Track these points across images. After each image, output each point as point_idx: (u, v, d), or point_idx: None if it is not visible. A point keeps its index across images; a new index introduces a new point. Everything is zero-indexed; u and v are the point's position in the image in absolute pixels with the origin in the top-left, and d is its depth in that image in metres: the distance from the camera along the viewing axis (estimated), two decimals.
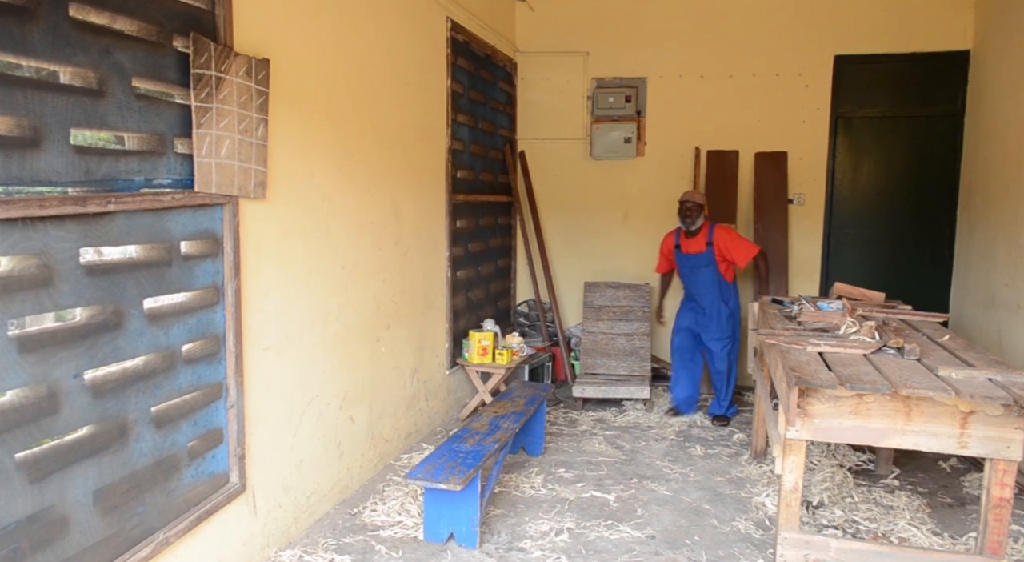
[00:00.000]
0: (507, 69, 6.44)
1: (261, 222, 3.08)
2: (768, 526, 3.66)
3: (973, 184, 5.72)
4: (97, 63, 2.22)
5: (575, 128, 6.63)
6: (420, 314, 4.82)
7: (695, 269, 5.30)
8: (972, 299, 5.61)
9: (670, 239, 5.50)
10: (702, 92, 6.35)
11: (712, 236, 5.22)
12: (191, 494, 2.73)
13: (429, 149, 4.89)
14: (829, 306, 3.96)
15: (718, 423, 5.31)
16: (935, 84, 6.04)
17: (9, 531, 1.99)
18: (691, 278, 5.36)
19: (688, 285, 5.44)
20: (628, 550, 3.41)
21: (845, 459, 4.52)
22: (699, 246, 5.24)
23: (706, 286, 5.28)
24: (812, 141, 6.21)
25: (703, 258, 5.24)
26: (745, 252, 5.21)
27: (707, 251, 5.22)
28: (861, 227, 6.34)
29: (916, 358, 3.15)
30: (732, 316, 5.31)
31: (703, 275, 5.27)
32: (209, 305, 2.79)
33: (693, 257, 5.28)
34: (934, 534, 3.57)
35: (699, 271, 5.28)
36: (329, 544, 3.40)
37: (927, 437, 2.79)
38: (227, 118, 2.75)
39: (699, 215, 5.20)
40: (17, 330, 1.99)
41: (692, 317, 5.41)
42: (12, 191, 1.95)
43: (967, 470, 4.41)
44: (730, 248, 5.19)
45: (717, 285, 5.27)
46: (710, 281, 5.26)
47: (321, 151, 3.57)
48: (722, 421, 5.32)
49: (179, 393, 2.64)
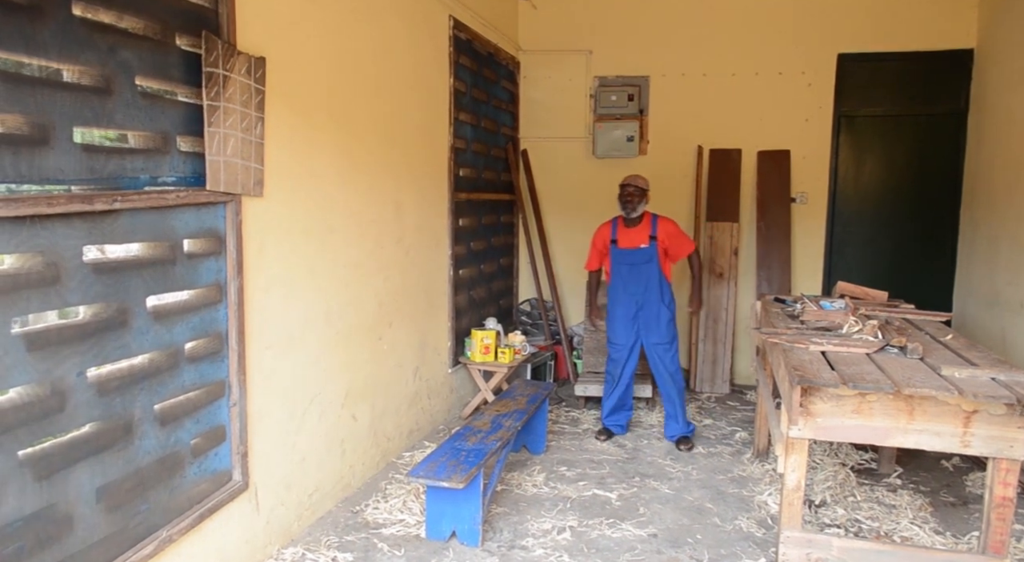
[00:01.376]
0: (510, 67, 6.43)
1: (263, 220, 3.09)
2: (770, 525, 3.66)
3: (976, 183, 5.71)
4: (103, 61, 2.22)
5: (577, 126, 6.63)
6: (422, 312, 4.82)
7: (635, 266, 4.76)
8: (975, 298, 5.61)
9: (605, 231, 4.91)
10: (705, 90, 6.35)
11: (656, 229, 4.74)
12: (194, 492, 2.73)
13: (431, 147, 4.89)
14: (832, 305, 3.96)
15: (684, 447, 4.74)
16: (939, 83, 6.03)
17: (14, 528, 1.99)
18: (629, 276, 4.79)
19: (624, 284, 4.83)
20: (630, 549, 3.42)
21: (848, 458, 4.52)
22: (641, 239, 4.74)
23: (647, 285, 4.75)
24: (815, 140, 6.21)
25: (645, 253, 4.73)
26: (685, 247, 4.81)
27: (650, 246, 4.72)
28: (864, 226, 6.33)
29: (919, 357, 3.15)
30: (672, 320, 4.81)
31: (644, 273, 4.75)
32: (212, 303, 2.80)
33: (633, 252, 4.75)
34: (936, 533, 3.57)
35: (639, 268, 4.75)
36: (331, 542, 3.40)
37: (930, 436, 2.79)
38: (232, 116, 2.75)
39: (641, 201, 4.72)
40: (23, 327, 2.00)
41: (629, 326, 4.84)
42: (20, 190, 1.95)
43: (970, 469, 4.41)
44: (672, 242, 4.76)
45: (659, 284, 4.76)
46: (652, 279, 4.75)
47: (323, 150, 3.57)
48: (688, 444, 4.76)
49: (182, 391, 2.65)
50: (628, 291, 4.83)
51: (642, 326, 4.83)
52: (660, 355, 4.81)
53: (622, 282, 4.84)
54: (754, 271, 6.23)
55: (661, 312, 4.78)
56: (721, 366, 6.12)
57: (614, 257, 4.86)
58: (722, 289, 6.13)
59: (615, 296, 4.90)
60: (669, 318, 4.80)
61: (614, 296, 4.90)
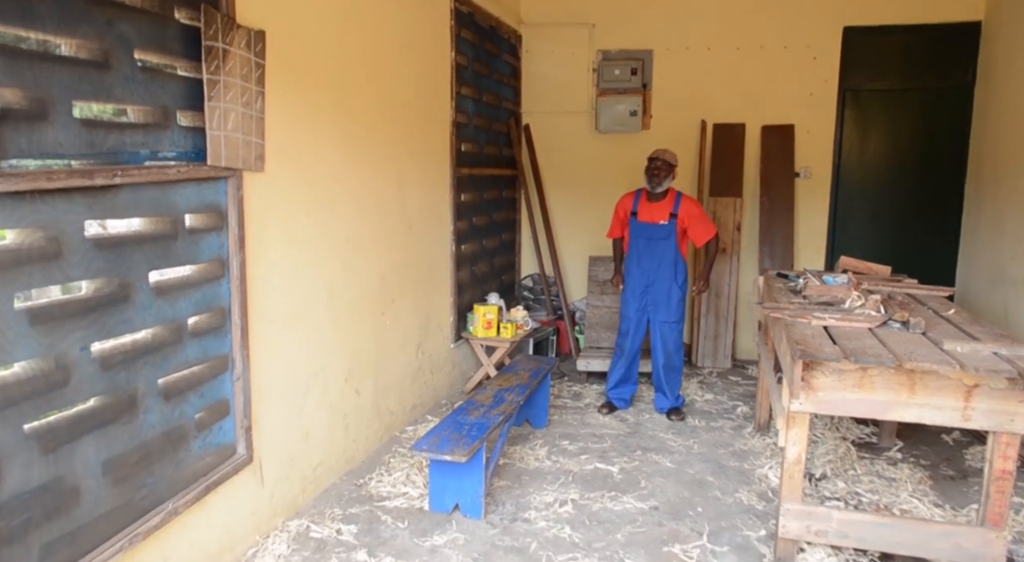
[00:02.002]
0: (512, 41, 6.37)
1: (265, 195, 3.08)
2: (771, 498, 3.69)
3: (982, 157, 5.67)
4: (101, 35, 2.20)
5: (580, 101, 6.58)
6: (425, 288, 4.83)
7: (652, 241, 4.75)
8: (979, 273, 5.60)
9: (628, 201, 4.88)
10: (709, 64, 6.29)
11: (678, 207, 4.70)
12: (199, 465, 2.76)
13: (433, 122, 4.86)
14: (834, 280, 3.95)
15: (675, 417, 4.84)
16: (945, 56, 5.96)
17: (22, 500, 2.02)
18: (646, 251, 4.78)
19: (638, 258, 4.82)
20: (631, 521, 3.45)
21: (848, 432, 4.54)
22: (662, 216, 4.71)
23: (662, 262, 4.74)
24: (819, 114, 6.16)
25: (663, 230, 4.71)
26: (705, 231, 4.75)
27: (669, 223, 4.69)
28: (868, 201, 6.31)
29: (921, 331, 3.15)
30: (682, 300, 4.83)
31: (660, 249, 4.74)
32: (214, 278, 2.80)
33: (652, 227, 4.73)
34: (936, 506, 3.60)
35: (656, 244, 4.74)
36: (336, 514, 3.44)
37: (931, 410, 2.80)
38: (232, 90, 2.73)
39: (667, 176, 4.66)
40: (26, 303, 2.00)
41: (638, 300, 4.85)
42: (20, 165, 1.95)
43: (970, 443, 4.43)
44: (694, 224, 4.72)
45: (673, 263, 4.74)
46: (667, 257, 4.74)
47: (324, 124, 3.55)
48: (679, 415, 4.85)
49: (186, 365, 2.66)
50: (641, 266, 4.83)
51: (651, 302, 4.83)
52: (665, 333, 4.82)
53: (637, 256, 4.84)
54: (757, 246, 6.21)
55: (672, 291, 4.77)
56: (723, 341, 6.14)
57: (632, 230, 4.84)
58: (725, 264, 6.12)
59: (628, 269, 4.91)
60: (680, 298, 4.80)
61: (628, 269, 4.93)
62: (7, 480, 1.97)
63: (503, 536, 3.29)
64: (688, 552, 3.18)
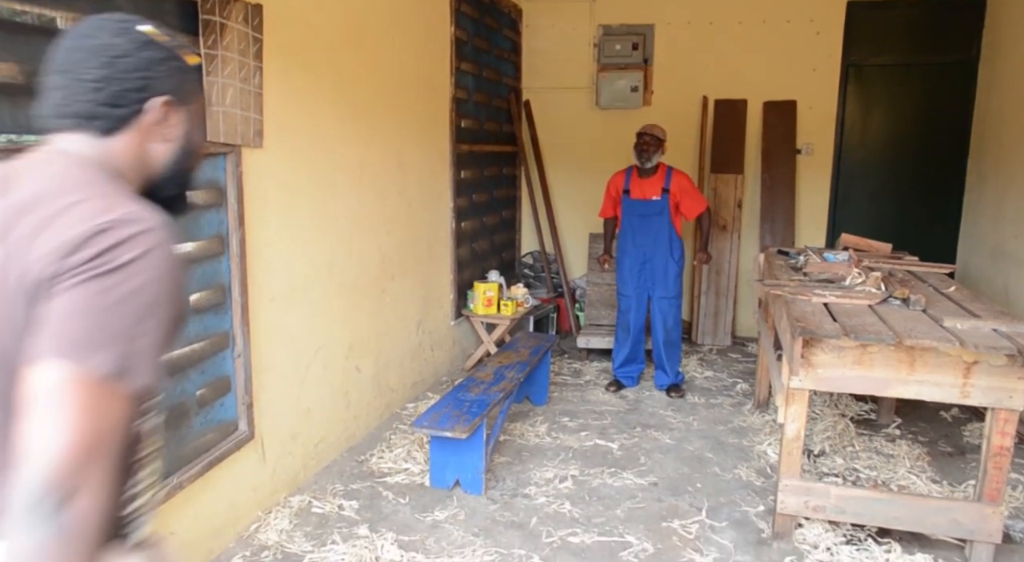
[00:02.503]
0: (512, 16, 6.31)
1: (264, 172, 3.06)
2: (769, 474, 3.71)
3: (985, 134, 5.64)
4: (98, 9, 2.18)
5: (581, 77, 6.52)
6: (425, 265, 4.82)
7: (646, 218, 4.75)
8: (980, 250, 5.59)
9: (619, 180, 4.89)
10: (711, 39, 6.23)
11: (669, 181, 4.70)
12: (201, 442, 2.77)
13: (433, 98, 4.83)
14: (835, 257, 3.95)
15: (675, 394, 4.85)
16: (950, 30, 5.90)
17: None
18: (639, 228, 4.79)
19: (633, 235, 4.82)
20: (631, 496, 3.48)
21: (847, 409, 4.56)
22: (654, 191, 4.71)
23: (657, 237, 4.75)
24: (822, 90, 6.11)
25: (656, 206, 4.72)
26: (697, 205, 4.76)
27: (662, 198, 4.70)
28: (869, 177, 6.28)
29: (921, 309, 3.15)
30: (680, 276, 4.84)
31: (654, 225, 4.74)
32: (214, 255, 2.79)
33: (645, 203, 4.74)
34: (933, 482, 3.62)
35: (650, 220, 4.74)
36: (337, 490, 3.47)
37: (930, 387, 2.81)
38: (230, 66, 2.71)
39: (657, 151, 4.66)
40: None
41: (636, 277, 4.86)
42: (20, 140, 1.93)
43: (968, 420, 4.45)
44: (685, 198, 4.72)
45: (668, 238, 4.75)
46: (662, 232, 4.74)
47: (323, 100, 3.53)
48: (679, 392, 4.87)
49: (187, 342, 2.66)
50: (637, 242, 4.82)
51: (648, 278, 4.84)
52: (663, 309, 4.83)
53: (632, 233, 4.84)
54: (758, 223, 6.20)
55: (669, 266, 4.78)
56: (723, 318, 6.14)
57: (625, 207, 4.84)
58: (725, 241, 6.11)
59: (623, 247, 4.90)
60: (677, 273, 4.81)
61: (623, 247, 4.91)
62: None
63: (503, 511, 3.32)
64: (687, 527, 3.21)
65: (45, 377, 0.90)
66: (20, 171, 1.06)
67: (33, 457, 0.87)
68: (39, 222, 0.96)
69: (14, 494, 0.87)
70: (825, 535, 3.11)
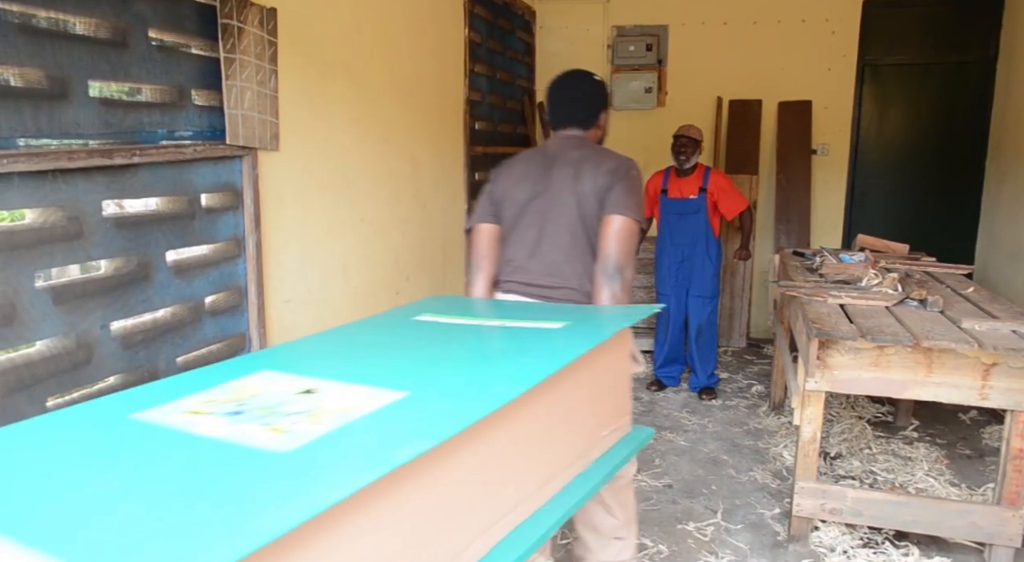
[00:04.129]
0: (526, 17, 6.31)
1: (280, 174, 3.09)
2: (785, 476, 3.69)
3: (1004, 133, 5.59)
4: (117, 13, 2.20)
5: None
6: (439, 267, 4.83)
7: (683, 216, 4.79)
8: (998, 250, 5.54)
9: (657, 180, 4.92)
10: (725, 40, 6.21)
11: (707, 181, 4.73)
12: None
13: (447, 100, 4.84)
14: (851, 258, 3.93)
15: (706, 397, 4.86)
16: (967, 29, 5.85)
17: None
18: (676, 227, 4.82)
19: (670, 234, 4.87)
20: (646, 499, 3.47)
21: (864, 411, 4.53)
22: (691, 190, 4.74)
23: (693, 237, 4.78)
24: (838, 90, 6.08)
25: (693, 204, 4.74)
26: (736, 204, 4.75)
27: (699, 197, 4.73)
28: (886, 178, 6.24)
29: (939, 310, 3.13)
30: (716, 275, 4.86)
31: (691, 224, 4.77)
32: (231, 257, 2.82)
33: (682, 202, 4.77)
34: (952, 485, 3.59)
35: (687, 219, 4.78)
36: None
37: (948, 389, 2.79)
38: (248, 69, 2.73)
39: (694, 152, 4.70)
40: (48, 281, 2.03)
41: (673, 277, 4.87)
42: (39, 144, 1.96)
43: (987, 422, 4.41)
44: (722, 197, 4.73)
45: (705, 237, 4.77)
46: (699, 231, 4.77)
47: (337, 103, 3.55)
48: (710, 394, 4.88)
49: (204, 344, 2.69)
50: (674, 241, 4.85)
51: (685, 277, 4.85)
52: (698, 308, 4.84)
53: (669, 232, 4.87)
54: (773, 224, 6.17)
55: (706, 265, 4.79)
56: (738, 320, 6.12)
57: (663, 207, 4.87)
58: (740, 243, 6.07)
59: (661, 246, 4.94)
60: (713, 273, 4.81)
61: (661, 246, 4.95)
62: None
63: None
64: (702, 530, 3.20)
65: (616, 221, 2.19)
66: (553, 144, 2.43)
67: (612, 255, 2.16)
68: (595, 164, 2.28)
69: (603, 269, 2.17)
70: (842, 538, 3.09)
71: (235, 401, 1.08)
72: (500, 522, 1.17)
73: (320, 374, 1.21)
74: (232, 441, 0.93)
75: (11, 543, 0.70)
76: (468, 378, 1.22)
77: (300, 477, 0.84)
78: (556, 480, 1.31)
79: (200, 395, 1.12)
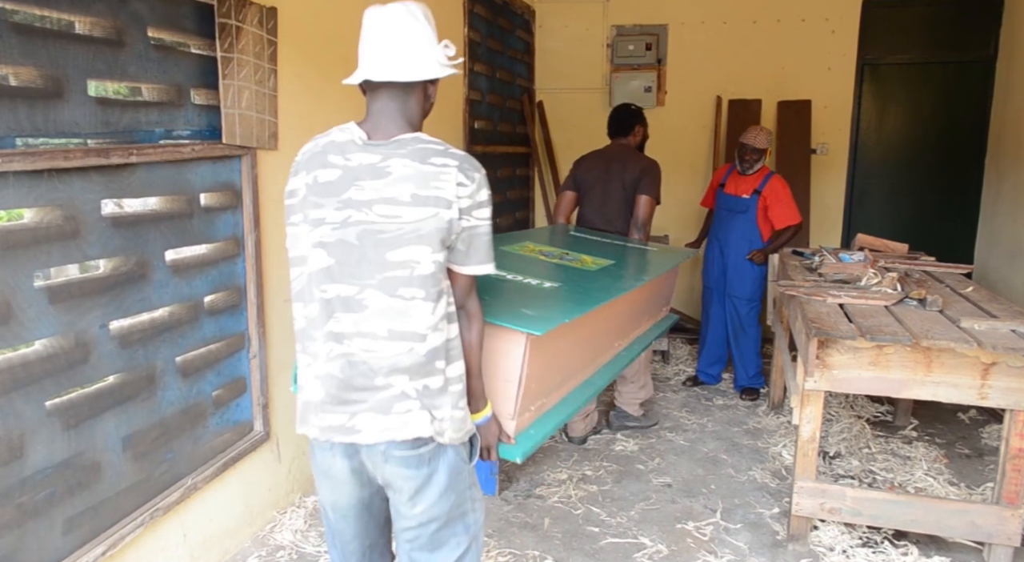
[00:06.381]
0: (525, 17, 6.31)
1: (279, 174, 3.08)
2: (784, 476, 3.69)
3: (1003, 132, 5.58)
4: (115, 12, 2.20)
5: (594, 77, 6.52)
6: None
7: (732, 213, 4.76)
8: (998, 250, 5.53)
9: (721, 173, 4.97)
10: (725, 39, 6.20)
11: (764, 184, 4.65)
12: (217, 442, 2.79)
13: (446, 98, 4.83)
14: (851, 257, 3.92)
15: (748, 397, 4.80)
16: (967, 28, 5.85)
17: (45, 475, 2.05)
18: (725, 222, 4.82)
19: (718, 229, 4.87)
20: (645, 498, 3.47)
21: (863, 410, 4.53)
22: (746, 190, 4.69)
23: (738, 236, 4.73)
24: (837, 89, 6.07)
25: (743, 203, 4.69)
26: (787, 216, 4.61)
27: (751, 197, 4.66)
28: (885, 177, 6.23)
29: (938, 309, 3.12)
30: (757, 279, 4.75)
31: (738, 222, 4.73)
32: (230, 257, 2.82)
33: (734, 199, 4.74)
34: (951, 484, 3.59)
35: (735, 217, 4.74)
36: None
37: (947, 388, 2.79)
38: (246, 68, 2.73)
39: (758, 160, 4.66)
40: (46, 281, 2.03)
41: (714, 272, 4.88)
42: (36, 143, 1.96)
43: (986, 422, 4.41)
44: (776, 205, 4.62)
45: (748, 239, 4.71)
46: (745, 231, 4.72)
47: (336, 102, 3.53)
48: (752, 394, 4.81)
49: (203, 343, 2.69)
50: (719, 237, 4.87)
51: (725, 275, 4.84)
52: (737, 308, 4.81)
53: (718, 226, 4.90)
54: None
55: (747, 267, 4.75)
56: None
57: (718, 200, 4.90)
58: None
59: (711, 239, 4.97)
60: (754, 275, 4.74)
61: (710, 239, 4.98)
62: (30, 455, 2.01)
63: (517, 512, 3.32)
64: (701, 529, 3.20)
65: (643, 199, 3.94)
66: (610, 148, 4.24)
67: (640, 217, 3.94)
68: (633, 163, 4.06)
69: (634, 223, 3.97)
70: (841, 537, 3.09)
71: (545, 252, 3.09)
72: (601, 356, 2.79)
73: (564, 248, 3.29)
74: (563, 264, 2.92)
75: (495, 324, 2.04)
76: (614, 274, 2.90)
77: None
78: (629, 337, 3.09)
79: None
